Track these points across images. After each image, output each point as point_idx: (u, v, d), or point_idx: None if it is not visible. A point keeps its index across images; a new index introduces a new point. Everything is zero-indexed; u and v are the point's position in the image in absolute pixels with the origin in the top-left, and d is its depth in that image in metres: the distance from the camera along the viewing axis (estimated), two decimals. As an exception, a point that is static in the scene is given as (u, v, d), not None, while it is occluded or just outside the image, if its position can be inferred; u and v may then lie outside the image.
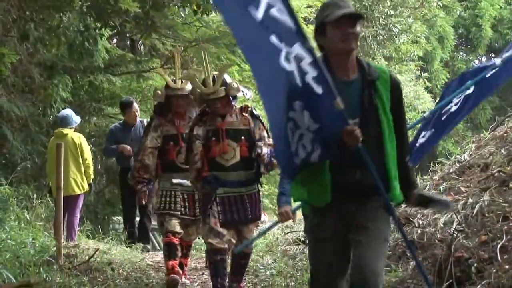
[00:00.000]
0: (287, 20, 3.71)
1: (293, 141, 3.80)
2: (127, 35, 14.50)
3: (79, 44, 10.71)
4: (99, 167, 13.66)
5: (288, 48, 3.71)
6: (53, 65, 11.38)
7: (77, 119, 9.89)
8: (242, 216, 6.13)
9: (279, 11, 3.71)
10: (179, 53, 7.24)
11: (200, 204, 6.43)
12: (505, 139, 7.70)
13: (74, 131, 9.81)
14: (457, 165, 7.84)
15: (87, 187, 9.79)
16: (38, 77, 10.82)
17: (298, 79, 3.72)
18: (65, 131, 9.62)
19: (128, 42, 15.98)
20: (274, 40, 3.72)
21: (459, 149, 9.20)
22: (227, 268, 6.31)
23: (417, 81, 22.06)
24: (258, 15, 3.70)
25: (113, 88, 13.02)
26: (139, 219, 10.29)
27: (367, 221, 3.93)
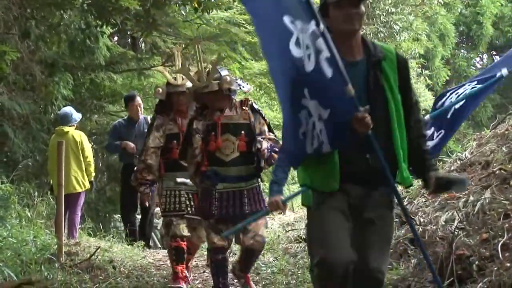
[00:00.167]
0: None
1: (308, 129, 3.76)
2: (128, 33, 14.49)
3: (80, 41, 10.70)
4: (100, 164, 13.67)
5: (303, 24, 3.62)
6: (54, 62, 11.37)
7: (77, 117, 9.89)
8: (238, 211, 5.97)
9: None
10: (179, 51, 7.21)
11: (199, 199, 6.29)
12: (506, 136, 7.69)
13: (75, 128, 9.81)
14: (458, 162, 7.84)
15: (88, 185, 9.79)
16: (39, 74, 10.81)
17: (308, 64, 3.63)
18: (66, 128, 9.62)
19: (129, 39, 15.97)
20: (286, 21, 3.65)
21: (460, 146, 9.20)
22: (228, 266, 6.29)
23: (418, 78, 22.03)
24: None
25: (114, 85, 13.02)
26: (140, 218, 10.27)
27: (375, 218, 3.90)
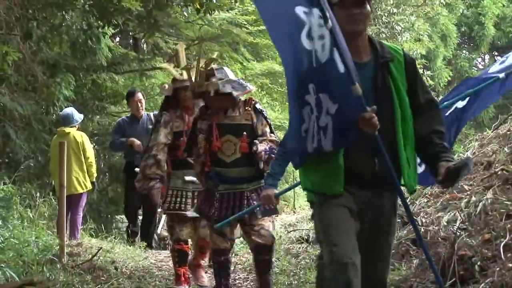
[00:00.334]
0: None
1: (310, 127, 3.69)
2: (130, 33, 14.51)
3: (82, 42, 10.71)
4: (102, 165, 13.67)
5: (320, 12, 3.53)
6: (56, 63, 11.38)
7: (79, 118, 9.89)
8: (237, 212, 5.86)
9: None
10: (183, 48, 7.16)
11: (202, 199, 6.22)
12: (508, 137, 7.69)
13: (76, 129, 9.81)
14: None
15: (90, 186, 9.79)
16: (41, 75, 10.81)
17: (322, 54, 3.56)
18: (67, 129, 9.62)
19: (130, 40, 15.99)
20: (299, 11, 3.60)
21: (462, 147, 9.18)
22: (231, 268, 6.27)
23: (420, 79, 21.99)
24: None
25: (116, 86, 13.03)
26: (141, 219, 10.26)
27: (383, 226, 3.87)
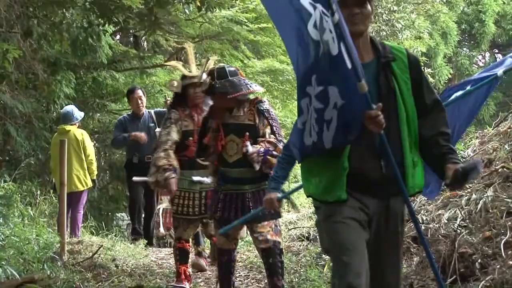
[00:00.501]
0: None
1: (308, 119, 3.62)
2: (131, 31, 14.51)
3: (82, 40, 10.70)
4: (103, 163, 13.69)
5: (323, 8, 3.48)
6: (56, 61, 11.38)
7: (79, 115, 9.89)
8: (240, 214, 5.79)
9: None
10: (191, 47, 7.09)
11: (211, 199, 6.17)
12: (509, 134, 7.69)
13: (77, 127, 9.82)
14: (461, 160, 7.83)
15: (90, 183, 9.80)
16: (41, 73, 10.81)
17: (333, 46, 3.48)
18: (68, 127, 9.63)
19: (131, 38, 15.99)
20: (304, 2, 3.55)
21: (463, 144, 9.16)
22: (234, 267, 6.24)
23: (420, 77, 21.98)
24: None
25: (116, 84, 13.03)
26: (144, 218, 10.25)
27: (392, 235, 3.77)
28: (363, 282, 3.55)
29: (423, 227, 6.33)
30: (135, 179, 9.13)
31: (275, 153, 5.62)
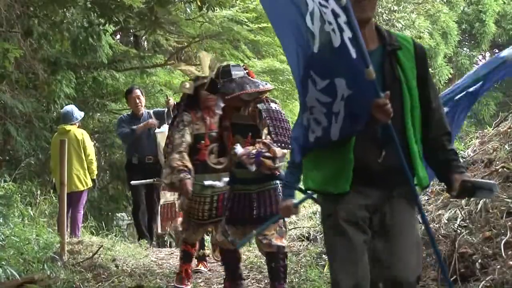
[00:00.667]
0: None
1: (307, 114, 3.56)
2: (131, 31, 14.51)
3: (82, 40, 10.71)
4: (103, 163, 13.69)
5: (323, 1, 3.44)
6: (56, 61, 11.39)
7: (79, 115, 9.89)
8: (246, 215, 5.78)
9: None
10: (208, 57, 6.84)
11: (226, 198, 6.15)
12: (509, 134, 7.69)
13: (77, 127, 9.82)
14: (461, 161, 7.82)
15: (90, 183, 9.80)
16: (41, 73, 10.82)
17: (335, 38, 3.42)
18: (68, 127, 9.63)
19: (131, 38, 16.00)
20: None
21: (463, 144, 9.16)
22: (238, 264, 6.20)
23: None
24: None
25: (116, 84, 13.04)
26: (147, 219, 10.22)
27: (398, 224, 3.60)
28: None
29: (422, 227, 6.32)
30: (133, 183, 9.14)
31: (268, 154, 5.50)
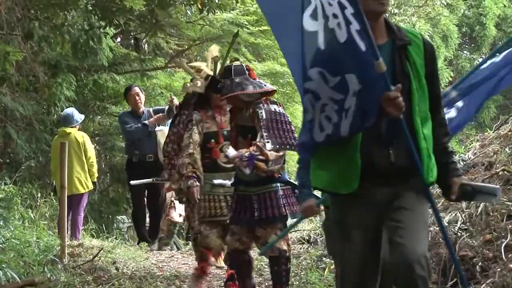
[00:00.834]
0: None
1: (316, 115, 3.48)
2: (131, 33, 14.51)
3: (83, 42, 10.71)
4: (103, 165, 13.67)
5: None
6: (57, 64, 11.39)
7: (79, 118, 9.90)
8: (248, 217, 5.74)
9: None
10: (218, 61, 6.84)
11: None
12: (510, 137, 7.68)
13: (78, 129, 9.82)
14: (461, 163, 7.81)
15: (91, 186, 9.80)
16: (42, 76, 10.83)
17: (340, 34, 3.36)
18: (68, 130, 9.64)
19: (132, 40, 15.99)
20: None
21: (463, 147, 9.18)
22: (248, 267, 6.15)
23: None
24: None
25: (117, 87, 13.02)
26: (150, 218, 10.21)
27: (402, 205, 3.50)
28: None
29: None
30: (132, 183, 9.12)
31: (260, 157, 5.47)
